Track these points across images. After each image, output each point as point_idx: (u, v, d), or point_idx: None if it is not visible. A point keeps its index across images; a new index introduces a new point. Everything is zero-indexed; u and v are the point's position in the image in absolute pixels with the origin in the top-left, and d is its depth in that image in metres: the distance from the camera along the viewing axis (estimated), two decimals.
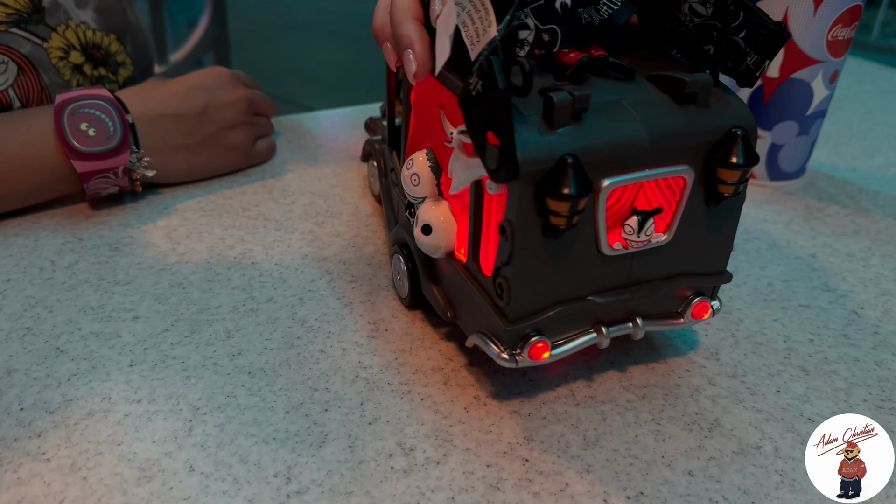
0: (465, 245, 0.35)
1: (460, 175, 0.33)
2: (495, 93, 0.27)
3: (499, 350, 0.33)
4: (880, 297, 0.45)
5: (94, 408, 0.35)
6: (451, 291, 0.37)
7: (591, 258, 0.32)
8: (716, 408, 0.36)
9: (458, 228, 0.36)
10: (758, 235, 0.51)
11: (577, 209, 0.29)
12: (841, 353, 0.40)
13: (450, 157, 0.34)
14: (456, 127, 0.33)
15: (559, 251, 0.31)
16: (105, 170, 0.49)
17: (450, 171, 0.34)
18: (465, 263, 0.35)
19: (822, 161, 0.63)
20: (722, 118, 0.32)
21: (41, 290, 0.44)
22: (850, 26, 0.52)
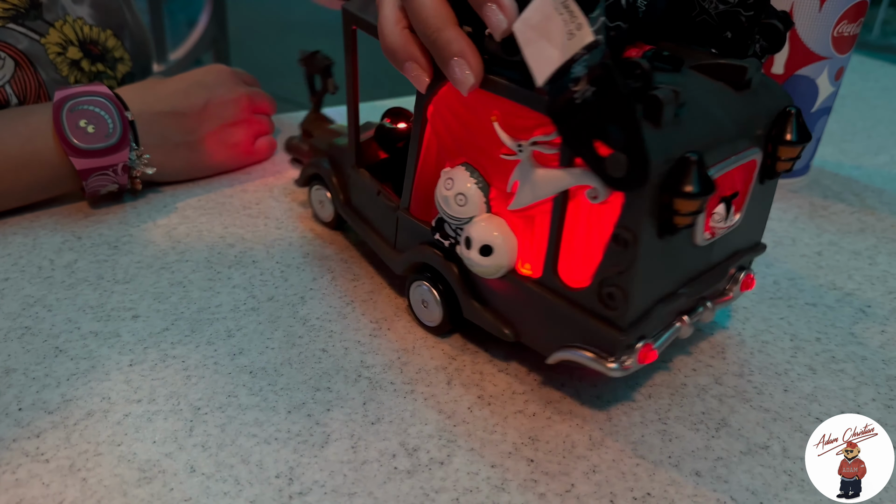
0: (532, 260, 0.34)
1: (537, 188, 0.31)
2: (617, 98, 0.26)
3: (606, 361, 0.32)
4: (887, 294, 0.44)
5: (93, 408, 0.35)
6: (511, 309, 0.36)
7: (687, 252, 0.33)
8: (723, 407, 0.35)
9: (521, 243, 0.34)
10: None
11: (704, 206, 0.29)
12: (848, 352, 0.39)
13: (506, 171, 0.33)
14: (518, 137, 0.32)
15: (668, 251, 0.31)
16: (104, 167, 0.49)
17: (512, 186, 0.33)
18: (539, 279, 0.34)
19: (826, 158, 0.63)
20: (774, 100, 0.34)
21: (40, 289, 0.43)
22: (856, 22, 0.52)
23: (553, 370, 0.37)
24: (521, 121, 0.31)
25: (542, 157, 0.31)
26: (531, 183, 0.32)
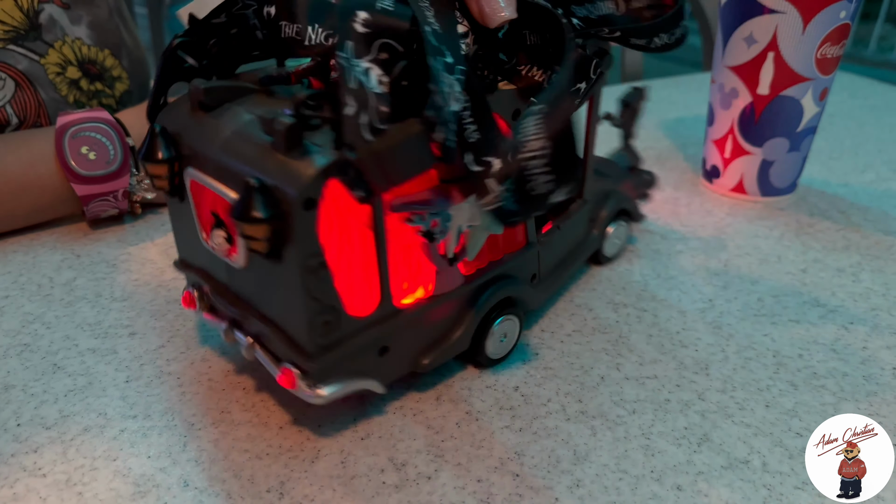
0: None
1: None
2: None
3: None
4: (870, 311, 0.45)
5: (90, 423, 0.36)
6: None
7: (199, 243, 0.37)
8: (705, 423, 0.36)
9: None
10: (749, 251, 0.51)
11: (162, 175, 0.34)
12: (830, 368, 0.40)
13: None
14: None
15: (182, 216, 0.37)
16: (105, 193, 0.50)
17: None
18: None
19: (813, 176, 0.64)
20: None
21: (39, 307, 0.44)
22: (839, 44, 0.53)
23: (540, 386, 0.38)
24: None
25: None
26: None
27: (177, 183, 0.34)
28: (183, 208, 0.35)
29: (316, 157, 0.28)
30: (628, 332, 0.43)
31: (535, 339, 0.42)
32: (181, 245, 0.37)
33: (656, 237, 0.53)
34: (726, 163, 0.58)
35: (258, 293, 0.33)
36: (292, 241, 0.29)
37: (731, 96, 0.56)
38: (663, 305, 0.45)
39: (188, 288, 0.37)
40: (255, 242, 0.29)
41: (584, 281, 0.48)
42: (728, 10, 0.55)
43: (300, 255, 0.29)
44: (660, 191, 0.61)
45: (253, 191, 0.28)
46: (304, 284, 0.29)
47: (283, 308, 0.31)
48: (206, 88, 0.32)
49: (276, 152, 0.29)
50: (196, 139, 0.32)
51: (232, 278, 0.34)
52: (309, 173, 0.28)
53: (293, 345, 0.32)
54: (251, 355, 0.34)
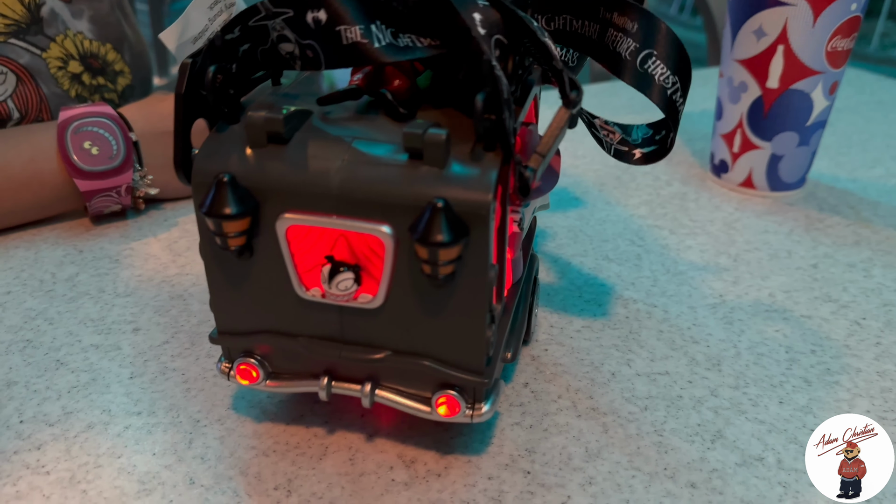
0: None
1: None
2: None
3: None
4: (882, 307, 0.45)
5: (93, 420, 0.35)
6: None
7: (287, 296, 0.32)
8: (718, 419, 0.36)
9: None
10: (759, 246, 0.51)
11: (239, 232, 0.29)
12: (843, 364, 0.40)
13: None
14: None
15: (245, 276, 0.32)
16: (108, 188, 0.49)
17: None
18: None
19: (822, 171, 0.63)
20: (425, 183, 0.28)
21: (41, 303, 0.44)
22: (850, 37, 0.52)
23: (550, 382, 0.38)
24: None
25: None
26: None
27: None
28: (248, 267, 0.30)
29: (481, 167, 0.27)
30: (638, 328, 0.42)
31: (545, 335, 0.42)
32: (232, 312, 0.31)
33: (665, 232, 0.53)
34: (735, 157, 0.58)
35: (396, 330, 0.30)
36: (477, 255, 0.27)
37: (740, 90, 0.55)
38: (673, 301, 0.45)
39: (239, 360, 0.32)
40: (444, 267, 0.27)
41: (593, 277, 0.47)
42: (737, 3, 0.54)
43: (484, 267, 0.27)
44: (668, 185, 0.60)
45: (439, 211, 0.26)
46: (487, 298, 0.28)
47: (442, 332, 0.29)
48: (285, 118, 0.27)
49: (429, 168, 0.26)
50: (291, 178, 0.27)
51: (347, 325, 0.30)
52: (487, 184, 0.26)
53: (457, 367, 0.30)
54: (370, 402, 0.31)
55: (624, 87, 0.86)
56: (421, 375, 0.30)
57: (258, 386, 0.32)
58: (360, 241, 0.28)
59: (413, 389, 0.31)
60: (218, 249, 0.29)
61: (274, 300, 0.30)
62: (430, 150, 0.26)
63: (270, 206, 0.28)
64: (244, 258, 0.29)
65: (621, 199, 0.58)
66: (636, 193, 0.59)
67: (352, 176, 0.27)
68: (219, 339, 0.32)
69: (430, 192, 0.26)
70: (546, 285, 0.46)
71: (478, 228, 0.26)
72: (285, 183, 0.27)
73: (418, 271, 0.27)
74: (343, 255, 0.28)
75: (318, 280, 0.29)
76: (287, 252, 0.28)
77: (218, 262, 0.30)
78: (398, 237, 0.27)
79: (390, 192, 0.26)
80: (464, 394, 0.30)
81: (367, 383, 0.31)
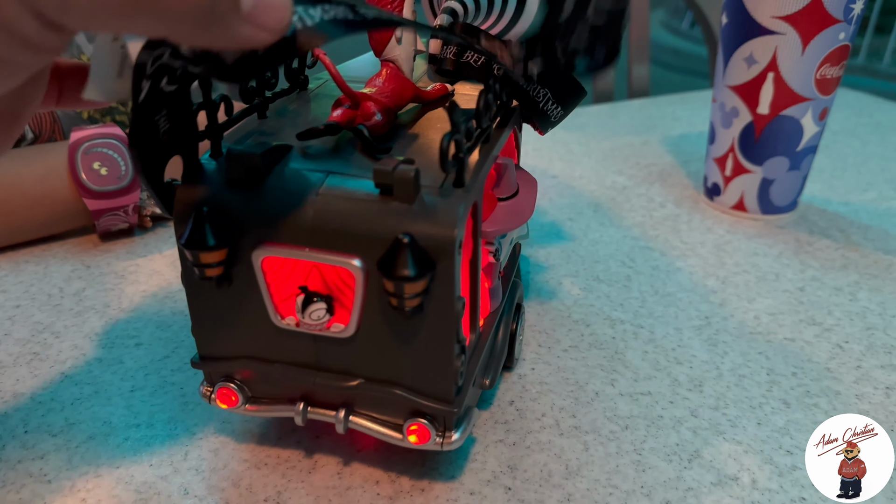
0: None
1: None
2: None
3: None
4: (865, 330, 0.46)
5: (95, 431, 0.37)
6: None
7: (264, 324, 0.33)
8: (696, 439, 0.37)
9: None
10: (747, 269, 0.52)
11: (212, 262, 0.30)
12: (823, 387, 0.41)
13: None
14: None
15: (225, 305, 0.33)
16: (116, 208, 0.51)
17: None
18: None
19: (815, 195, 0.64)
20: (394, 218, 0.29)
21: (49, 317, 0.45)
22: (839, 65, 0.54)
23: (535, 401, 0.39)
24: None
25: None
26: None
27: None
28: (226, 296, 0.30)
29: (449, 202, 0.27)
30: (624, 349, 0.43)
31: (532, 354, 0.43)
32: (212, 338, 0.32)
33: (656, 254, 0.54)
34: (727, 181, 0.59)
35: (368, 358, 0.30)
36: (443, 289, 0.28)
37: (732, 115, 0.57)
38: (660, 322, 0.46)
39: (220, 384, 0.33)
40: (411, 300, 0.27)
41: (583, 297, 0.48)
42: (729, 31, 0.55)
43: (451, 300, 0.28)
44: (661, 207, 0.61)
45: (405, 247, 0.26)
46: (455, 329, 0.29)
47: (412, 362, 0.30)
48: (262, 154, 0.28)
49: (398, 203, 0.27)
50: (267, 211, 0.28)
51: (321, 353, 0.31)
52: (453, 219, 0.27)
53: (427, 396, 0.30)
54: (344, 428, 0.32)
55: (624, 108, 0.87)
56: (393, 403, 0.31)
57: (237, 410, 0.33)
58: (333, 273, 0.29)
59: (386, 416, 0.32)
60: (197, 278, 0.30)
61: (251, 328, 0.31)
62: (399, 186, 0.27)
63: (247, 238, 0.29)
64: (223, 287, 0.30)
65: (615, 220, 0.59)
66: (630, 215, 0.60)
67: (324, 210, 0.28)
68: (200, 363, 0.33)
69: (399, 227, 0.27)
70: (536, 305, 0.48)
71: (444, 262, 0.27)
72: (261, 216, 0.28)
73: (387, 303, 0.28)
74: (316, 286, 0.30)
75: (293, 309, 0.30)
76: (263, 282, 0.29)
77: (198, 290, 0.31)
78: (368, 270, 0.28)
79: (360, 227, 0.27)
80: (434, 422, 0.31)
81: (341, 409, 0.32)
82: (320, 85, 0.38)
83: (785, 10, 0.51)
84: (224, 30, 0.19)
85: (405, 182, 0.27)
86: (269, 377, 0.32)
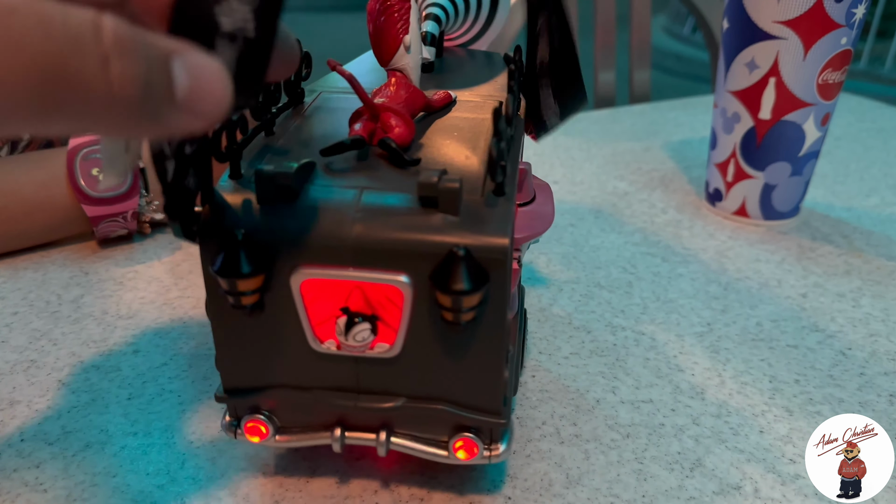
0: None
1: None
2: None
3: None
4: (868, 337, 0.45)
5: (91, 440, 0.36)
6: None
7: (302, 349, 0.32)
8: (698, 448, 0.36)
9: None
10: (749, 275, 0.52)
11: (247, 290, 0.29)
12: (826, 394, 0.40)
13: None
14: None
15: (257, 331, 0.31)
16: (114, 214, 0.51)
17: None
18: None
19: (817, 200, 0.64)
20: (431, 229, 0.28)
21: (47, 324, 0.45)
22: (841, 70, 0.53)
23: (535, 409, 0.39)
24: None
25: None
26: None
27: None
28: (258, 324, 0.29)
29: (495, 213, 0.27)
30: (626, 356, 0.43)
31: (533, 361, 0.42)
32: (240, 369, 0.31)
33: (657, 260, 0.54)
34: (729, 186, 0.58)
35: (413, 376, 0.30)
36: (496, 300, 0.27)
37: (734, 120, 0.56)
38: (661, 329, 0.46)
39: (246, 417, 0.31)
40: (466, 314, 0.27)
41: (584, 303, 0.48)
42: (730, 36, 0.55)
43: (503, 311, 0.28)
44: (663, 213, 0.61)
45: (460, 260, 0.26)
46: (506, 340, 0.28)
47: (460, 376, 0.29)
48: (295, 172, 0.27)
49: (444, 215, 0.27)
50: (305, 232, 0.27)
51: (363, 375, 0.30)
52: (503, 229, 0.26)
53: (474, 410, 0.30)
54: (386, 450, 0.31)
55: (625, 113, 0.87)
56: (437, 420, 0.30)
57: (268, 442, 0.32)
58: (377, 292, 0.28)
59: (429, 434, 0.31)
60: (227, 307, 0.29)
61: (286, 355, 0.30)
62: (445, 198, 0.27)
63: (284, 261, 0.27)
64: (255, 315, 0.29)
65: (616, 226, 0.59)
66: (631, 221, 0.60)
67: (367, 227, 0.27)
68: (226, 398, 0.31)
69: (448, 239, 0.26)
70: (537, 312, 0.47)
71: (497, 273, 0.27)
72: (299, 237, 0.27)
73: (436, 318, 0.28)
74: (359, 306, 0.28)
75: (332, 332, 0.29)
76: (301, 306, 0.28)
77: (226, 320, 0.29)
78: (416, 286, 0.27)
79: (408, 242, 0.27)
80: (480, 435, 0.31)
81: (381, 431, 0.31)
82: (315, 98, 0.37)
83: (786, 15, 0.51)
84: (156, 122, 0.17)
85: (451, 194, 0.26)
86: (304, 404, 0.31)
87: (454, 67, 0.42)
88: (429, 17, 0.41)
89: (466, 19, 0.44)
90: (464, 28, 0.45)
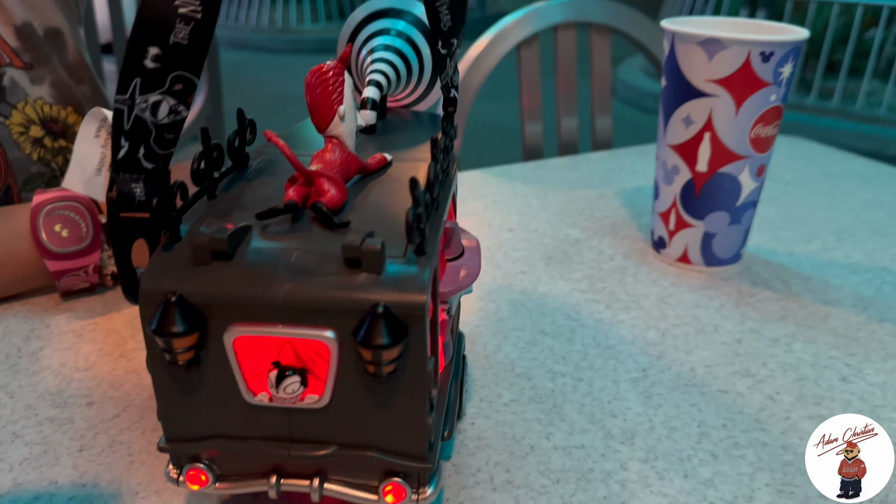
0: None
1: None
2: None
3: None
4: (797, 382, 0.47)
5: (40, 492, 0.38)
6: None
7: (235, 401, 0.33)
8: (624, 492, 0.38)
9: None
10: (688, 321, 0.54)
11: (174, 346, 0.31)
12: (751, 438, 0.42)
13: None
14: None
15: (194, 385, 0.33)
16: (76, 268, 0.53)
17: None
18: None
19: (761, 245, 0.66)
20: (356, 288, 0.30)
21: (5, 376, 0.47)
22: (772, 125, 0.56)
23: (471, 456, 0.40)
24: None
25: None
26: None
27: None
28: (196, 378, 0.31)
29: (415, 270, 0.29)
30: (562, 402, 0.45)
31: (473, 408, 0.44)
32: (180, 420, 0.32)
33: (601, 306, 0.56)
34: (671, 234, 0.61)
35: (342, 425, 0.32)
36: (416, 352, 0.29)
37: (673, 172, 0.59)
38: (599, 375, 0.47)
39: (188, 466, 0.33)
40: (387, 366, 0.29)
41: (527, 350, 0.50)
42: (668, 93, 0.58)
43: (423, 362, 0.30)
44: (611, 260, 0.63)
45: (379, 316, 0.28)
46: (428, 389, 0.30)
47: (386, 424, 0.31)
48: (229, 237, 0.29)
49: (367, 275, 0.29)
50: (236, 292, 0.29)
51: (295, 425, 0.32)
52: (421, 286, 0.29)
53: (401, 456, 0.32)
54: (319, 496, 0.33)
55: (584, 161, 0.90)
56: (367, 466, 0.32)
57: (208, 490, 0.34)
58: (306, 346, 0.30)
59: (360, 479, 0.33)
60: (165, 362, 0.30)
61: (222, 407, 0.32)
62: (367, 259, 0.29)
63: (217, 319, 0.29)
64: (192, 369, 0.31)
65: (565, 273, 0.61)
66: (580, 268, 0.62)
67: (295, 286, 0.29)
68: (167, 447, 0.33)
69: (370, 297, 0.29)
70: (482, 359, 0.49)
71: (415, 327, 0.29)
72: (232, 297, 0.29)
73: (362, 370, 0.30)
74: (289, 360, 0.31)
75: (264, 385, 0.31)
76: (234, 361, 0.30)
77: (166, 375, 0.31)
78: (342, 340, 0.29)
79: (332, 300, 0.29)
80: (408, 479, 0.32)
81: (315, 478, 0.33)
82: (259, 159, 0.39)
83: (718, 74, 0.54)
84: None
85: (373, 255, 0.29)
86: (241, 453, 0.33)
87: (395, 129, 0.44)
88: (371, 82, 0.44)
89: (409, 81, 0.47)
90: (408, 90, 0.48)
